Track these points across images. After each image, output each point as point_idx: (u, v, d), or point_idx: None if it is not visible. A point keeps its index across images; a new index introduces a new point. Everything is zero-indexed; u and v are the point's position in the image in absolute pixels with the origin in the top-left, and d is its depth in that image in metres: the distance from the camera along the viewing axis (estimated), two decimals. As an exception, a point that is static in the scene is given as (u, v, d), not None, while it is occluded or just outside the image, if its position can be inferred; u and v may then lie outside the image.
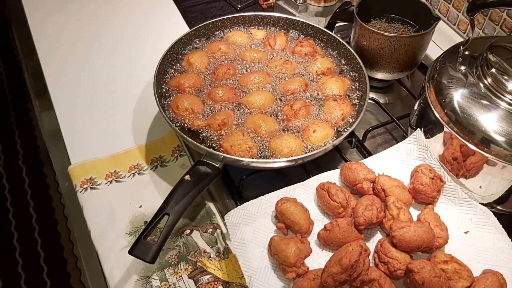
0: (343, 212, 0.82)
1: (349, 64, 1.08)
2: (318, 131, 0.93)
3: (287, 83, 1.03)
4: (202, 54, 1.08)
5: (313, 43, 1.12)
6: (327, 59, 1.09)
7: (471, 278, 0.74)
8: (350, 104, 1.00)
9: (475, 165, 0.83)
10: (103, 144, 1.02)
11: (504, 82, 0.80)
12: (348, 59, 1.08)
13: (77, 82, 1.17)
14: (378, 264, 0.76)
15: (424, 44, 1.08)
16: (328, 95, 1.02)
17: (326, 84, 1.03)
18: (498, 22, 1.12)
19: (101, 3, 1.41)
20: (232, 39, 1.13)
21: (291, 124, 0.95)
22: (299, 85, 1.02)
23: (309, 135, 0.92)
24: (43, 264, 1.98)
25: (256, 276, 0.76)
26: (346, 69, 1.08)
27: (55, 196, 2.21)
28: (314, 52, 1.10)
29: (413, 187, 0.85)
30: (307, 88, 1.02)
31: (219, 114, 0.95)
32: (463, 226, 0.83)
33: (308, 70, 1.07)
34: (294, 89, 1.01)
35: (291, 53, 1.11)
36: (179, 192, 0.77)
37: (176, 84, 1.01)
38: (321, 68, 1.06)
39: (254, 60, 1.08)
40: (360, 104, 1.00)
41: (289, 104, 0.98)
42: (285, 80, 1.04)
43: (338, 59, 1.10)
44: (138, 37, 1.29)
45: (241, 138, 0.90)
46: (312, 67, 1.07)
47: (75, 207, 0.94)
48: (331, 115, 0.97)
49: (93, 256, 0.88)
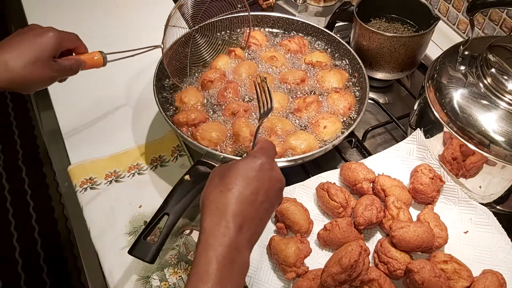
0: (343, 212, 0.82)
1: (349, 64, 1.08)
2: (328, 126, 0.94)
3: (286, 74, 1.04)
4: (194, 90, 1.01)
5: (304, 42, 1.12)
6: (322, 53, 1.10)
7: (470, 278, 0.74)
8: (352, 94, 1.01)
9: (474, 165, 0.83)
10: (103, 144, 1.02)
11: (504, 82, 0.80)
12: (348, 59, 1.08)
13: (76, 81, 1.17)
14: (378, 264, 0.76)
15: (423, 44, 1.08)
16: (328, 88, 1.03)
17: (324, 77, 1.04)
18: (498, 22, 1.12)
19: (101, 3, 1.40)
20: (215, 64, 1.07)
21: (301, 117, 0.97)
22: (296, 77, 1.03)
23: (320, 131, 0.94)
24: (42, 264, 1.98)
25: (256, 276, 0.77)
26: (346, 69, 1.08)
27: (54, 196, 2.21)
28: (299, 51, 1.11)
29: (412, 187, 0.85)
30: (305, 83, 1.03)
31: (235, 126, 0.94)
32: (462, 226, 0.83)
33: (301, 61, 1.09)
34: (293, 79, 1.03)
35: (279, 45, 1.12)
36: (179, 192, 0.77)
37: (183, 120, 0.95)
38: (314, 60, 1.07)
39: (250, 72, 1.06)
40: (360, 104, 1.00)
41: (302, 97, 0.99)
42: (284, 71, 1.06)
43: (338, 59, 1.10)
44: (138, 37, 1.29)
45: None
46: (307, 58, 1.09)
47: (75, 207, 0.94)
48: (338, 107, 0.98)
49: (93, 256, 0.88)
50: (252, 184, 0.59)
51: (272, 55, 1.07)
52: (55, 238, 2.06)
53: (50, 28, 0.78)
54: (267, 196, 0.60)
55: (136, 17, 1.37)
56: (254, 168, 0.61)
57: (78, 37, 0.83)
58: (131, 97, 1.13)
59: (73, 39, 0.82)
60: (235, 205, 0.58)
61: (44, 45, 0.75)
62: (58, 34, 0.77)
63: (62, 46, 0.79)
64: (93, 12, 1.37)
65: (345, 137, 0.92)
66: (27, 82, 0.76)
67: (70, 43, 0.82)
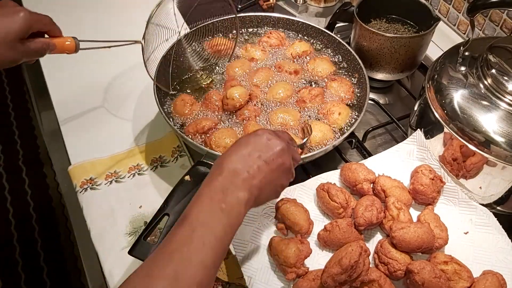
0: (343, 213, 0.82)
1: (349, 65, 1.08)
2: (342, 112, 0.97)
3: (282, 63, 1.08)
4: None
5: (283, 35, 1.14)
6: (301, 42, 1.12)
7: (471, 279, 0.74)
8: (346, 79, 1.05)
9: (475, 166, 0.83)
10: (103, 144, 1.02)
11: (504, 82, 0.80)
12: (348, 59, 1.08)
13: (77, 82, 1.17)
14: (378, 264, 0.76)
15: (424, 44, 1.08)
16: (323, 75, 1.06)
17: (316, 67, 1.07)
18: (498, 22, 1.12)
19: (101, 3, 1.40)
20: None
21: (304, 108, 0.99)
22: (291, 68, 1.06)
23: (335, 119, 0.97)
24: (43, 264, 1.98)
25: (256, 276, 0.77)
26: (346, 69, 1.08)
27: (55, 196, 2.21)
28: (280, 44, 1.13)
29: (413, 187, 0.85)
30: (298, 74, 1.06)
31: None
32: (463, 227, 0.83)
33: (285, 54, 1.11)
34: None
35: (257, 42, 1.14)
36: (179, 193, 0.77)
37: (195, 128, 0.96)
38: (298, 52, 1.10)
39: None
40: (360, 105, 1.00)
41: (308, 88, 1.01)
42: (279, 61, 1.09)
43: (338, 60, 1.10)
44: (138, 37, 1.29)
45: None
46: (290, 50, 1.11)
47: (75, 207, 0.94)
48: (341, 94, 1.02)
49: (93, 256, 0.88)
50: (249, 145, 0.66)
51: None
52: (55, 238, 2.06)
53: (22, 8, 0.75)
54: (266, 155, 0.65)
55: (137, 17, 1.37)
56: (251, 136, 0.68)
57: (51, 20, 0.80)
58: (132, 97, 1.13)
59: (46, 22, 0.79)
60: (231, 157, 0.64)
61: (11, 27, 0.72)
62: (29, 16, 0.74)
63: (32, 28, 0.75)
64: (93, 12, 1.37)
65: (345, 138, 0.93)
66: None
67: (42, 25, 0.78)
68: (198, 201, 0.61)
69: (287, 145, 0.68)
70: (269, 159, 0.65)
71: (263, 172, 0.64)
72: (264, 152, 0.65)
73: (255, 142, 0.66)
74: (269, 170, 0.65)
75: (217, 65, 1.10)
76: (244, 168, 0.63)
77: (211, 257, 0.56)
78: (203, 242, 0.56)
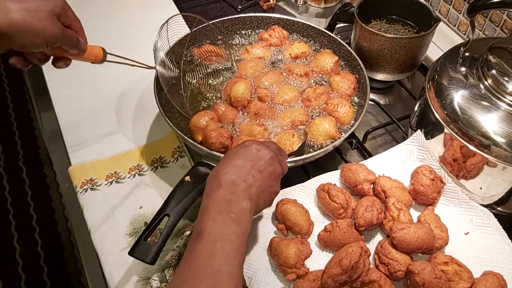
0: (343, 213, 0.82)
1: (350, 65, 1.08)
2: (347, 109, 0.97)
3: (292, 66, 1.07)
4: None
5: (285, 34, 1.14)
6: (300, 43, 1.12)
7: (471, 280, 0.74)
8: (351, 73, 1.04)
9: (475, 166, 0.83)
10: (103, 145, 1.02)
11: (504, 83, 0.80)
12: (348, 60, 1.08)
13: (77, 82, 1.17)
14: (379, 265, 0.76)
15: (424, 45, 1.08)
16: (327, 69, 1.06)
17: (318, 62, 1.07)
18: (499, 23, 1.12)
19: (101, 3, 1.41)
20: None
21: (309, 106, 1.00)
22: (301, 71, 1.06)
23: (341, 114, 0.97)
24: (43, 265, 1.98)
25: (256, 277, 0.77)
26: (346, 69, 1.08)
27: (55, 197, 2.21)
28: (280, 44, 1.12)
29: (413, 188, 0.85)
30: (308, 76, 1.06)
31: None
32: (463, 227, 0.83)
33: (285, 54, 1.11)
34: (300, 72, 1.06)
35: (258, 38, 1.14)
36: (179, 193, 0.77)
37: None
38: (297, 53, 1.09)
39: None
40: (361, 105, 1.00)
41: (313, 87, 1.01)
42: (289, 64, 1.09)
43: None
44: (138, 37, 1.29)
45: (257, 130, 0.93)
46: (289, 51, 1.10)
47: (75, 208, 0.94)
48: (343, 88, 1.02)
49: (93, 257, 0.88)
50: (240, 156, 0.69)
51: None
52: (56, 239, 2.06)
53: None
54: (258, 164, 0.69)
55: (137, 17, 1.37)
56: (240, 147, 0.71)
57: (81, 24, 0.79)
58: (132, 98, 1.13)
59: (77, 20, 0.78)
60: (225, 169, 0.67)
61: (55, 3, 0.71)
62: (65, 3, 0.74)
63: (67, 14, 0.74)
64: (93, 13, 1.37)
65: (345, 138, 0.93)
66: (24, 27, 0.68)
67: (74, 20, 0.77)
68: (208, 215, 0.63)
69: (275, 154, 0.72)
70: (261, 168, 0.69)
71: (258, 180, 0.68)
72: (256, 162, 0.69)
73: (245, 153, 0.69)
74: (263, 178, 0.68)
75: (223, 70, 1.09)
76: (240, 178, 0.66)
77: (236, 266, 0.59)
78: (225, 253, 0.59)
